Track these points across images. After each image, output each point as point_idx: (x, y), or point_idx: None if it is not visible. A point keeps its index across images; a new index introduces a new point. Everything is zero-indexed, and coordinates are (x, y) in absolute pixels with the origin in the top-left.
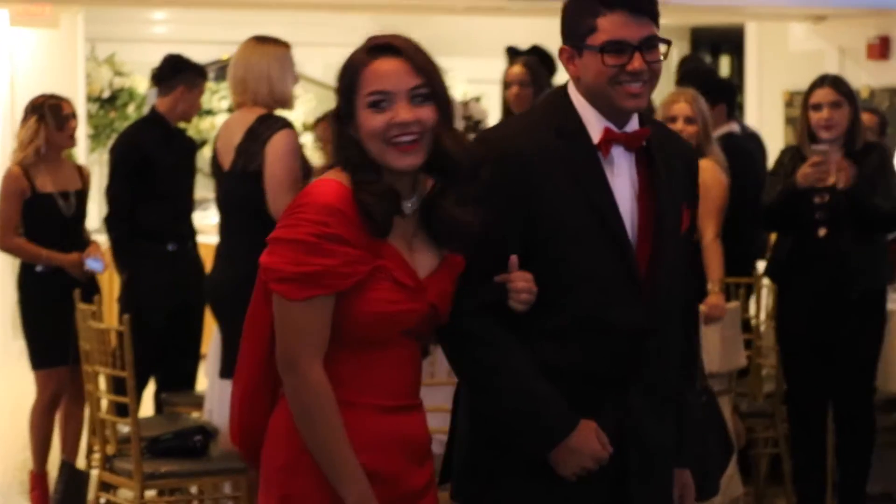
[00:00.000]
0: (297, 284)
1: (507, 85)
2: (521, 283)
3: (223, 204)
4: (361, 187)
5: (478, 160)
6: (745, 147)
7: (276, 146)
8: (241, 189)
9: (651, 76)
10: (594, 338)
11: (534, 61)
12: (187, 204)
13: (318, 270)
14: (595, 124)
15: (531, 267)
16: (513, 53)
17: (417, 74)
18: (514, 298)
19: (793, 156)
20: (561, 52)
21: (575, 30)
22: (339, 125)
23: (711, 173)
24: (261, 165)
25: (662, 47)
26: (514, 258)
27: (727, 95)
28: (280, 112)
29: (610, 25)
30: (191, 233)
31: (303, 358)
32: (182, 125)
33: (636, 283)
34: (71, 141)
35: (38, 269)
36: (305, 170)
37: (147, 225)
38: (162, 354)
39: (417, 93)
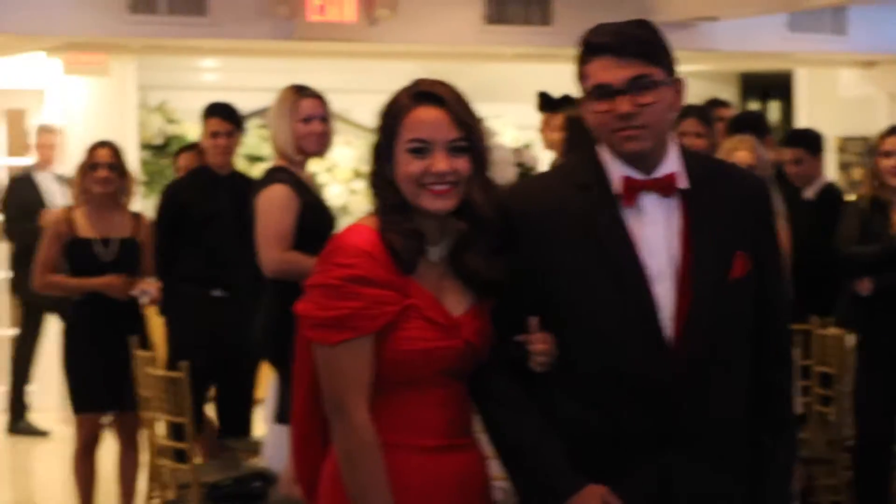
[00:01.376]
0: (327, 330)
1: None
2: (539, 346)
3: None
4: (388, 227)
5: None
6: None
7: (261, 201)
8: None
9: (647, 118)
10: (618, 395)
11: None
12: (238, 251)
13: (345, 314)
14: (616, 173)
15: (551, 325)
16: (545, 100)
17: (457, 127)
18: (532, 360)
19: (872, 204)
20: (580, 102)
21: (578, 81)
22: (376, 164)
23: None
24: None
25: (660, 87)
26: (533, 320)
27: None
28: (313, 161)
29: (595, 70)
30: (248, 280)
31: (348, 401)
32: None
33: (660, 337)
34: (98, 187)
35: (78, 312)
36: (316, 221)
37: (189, 272)
38: (208, 400)
39: (456, 145)
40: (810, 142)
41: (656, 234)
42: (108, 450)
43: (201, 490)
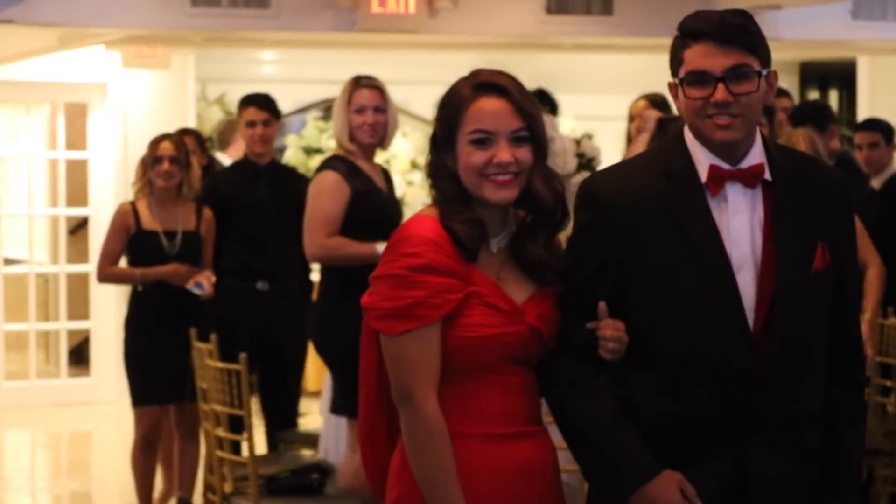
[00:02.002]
0: (392, 320)
1: (631, 118)
2: (609, 332)
3: None
4: (450, 217)
5: (565, 202)
6: None
7: (311, 187)
8: None
9: (743, 108)
10: (698, 383)
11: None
12: (280, 242)
13: (409, 303)
14: (703, 162)
15: (629, 313)
16: (541, 97)
17: (520, 117)
18: (602, 347)
19: None
20: (669, 87)
21: (672, 65)
22: (435, 154)
23: None
24: None
25: (756, 77)
26: (602, 305)
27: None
28: (381, 152)
29: (693, 56)
30: (290, 271)
31: (416, 391)
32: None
33: (744, 326)
34: (161, 181)
35: (139, 289)
36: (373, 210)
37: (232, 264)
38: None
39: (518, 135)
40: (885, 129)
41: (740, 224)
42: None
43: (259, 482)
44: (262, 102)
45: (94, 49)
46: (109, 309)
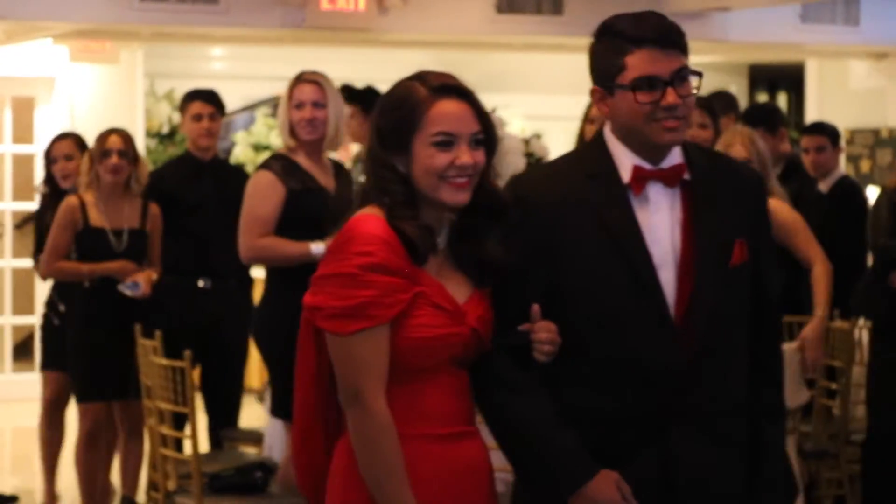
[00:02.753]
0: (343, 319)
1: (591, 121)
2: (544, 335)
3: None
4: (401, 220)
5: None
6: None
7: (246, 188)
8: None
9: (687, 109)
10: (626, 380)
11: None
12: (224, 239)
13: (361, 303)
14: (626, 163)
15: (557, 312)
16: (348, 92)
17: (478, 120)
18: (538, 350)
19: None
20: (592, 92)
21: (605, 70)
22: (381, 155)
23: (783, 209)
24: None
25: (694, 80)
26: (535, 308)
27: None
28: (332, 154)
29: (639, 62)
30: (232, 269)
31: (366, 391)
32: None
33: (668, 322)
34: (109, 176)
35: (86, 285)
36: (309, 209)
37: (174, 261)
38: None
39: (476, 138)
40: (832, 132)
41: (660, 222)
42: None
43: (202, 480)
44: (207, 97)
45: (41, 43)
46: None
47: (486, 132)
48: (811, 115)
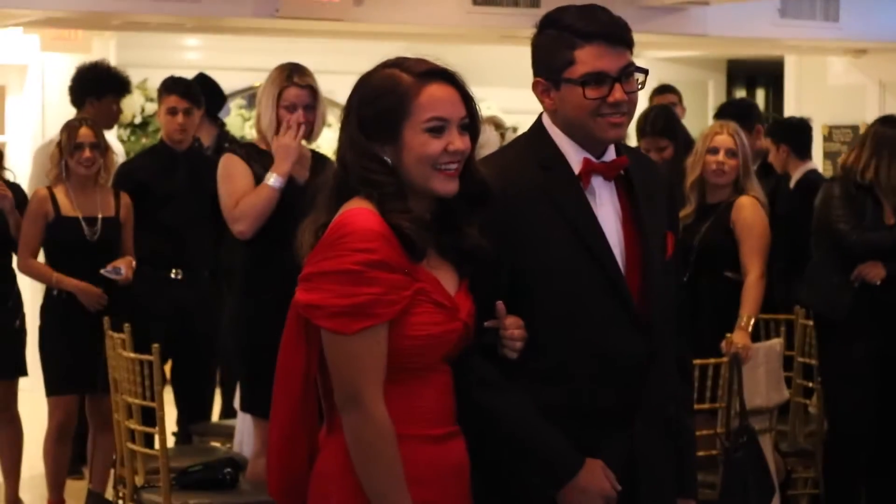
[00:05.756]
0: (345, 318)
1: None
2: (516, 332)
3: None
4: (395, 214)
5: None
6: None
7: (217, 175)
8: None
9: (631, 105)
10: (596, 373)
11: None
12: (197, 231)
13: (365, 301)
14: (574, 155)
15: (522, 307)
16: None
17: (465, 104)
18: (508, 346)
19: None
20: (535, 85)
21: (550, 63)
22: (366, 146)
23: (752, 210)
24: None
25: (639, 76)
26: (500, 305)
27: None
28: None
29: (588, 57)
30: (204, 261)
31: (366, 392)
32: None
33: (631, 312)
34: (82, 168)
35: (54, 293)
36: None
37: (146, 252)
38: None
39: (464, 122)
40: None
41: (607, 215)
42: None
43: (171, 475)
44: (184, 91)
45: (11, 31)
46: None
47: (472, 117)
48: (789, 111)
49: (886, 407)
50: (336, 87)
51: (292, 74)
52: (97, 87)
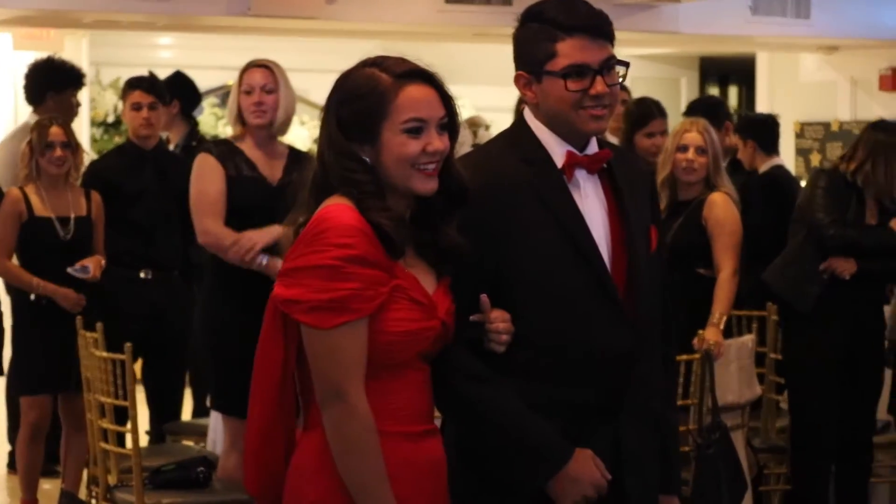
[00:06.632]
0: (324, 312)
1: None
2: (501, 325)
3: None
4: (374, 212)
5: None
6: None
7: (191, 174)
8: None
9: (613, 98)
10: (582, 367)
11: None
12: (166, 230)
13: (344, 295)
14: (557, 149)
15: (506, 301)
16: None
17: (443, 104)
18: (494, 340)
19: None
20: (517, 78)
21: (532, 56)
22: (345, 145)
23: (724, 207)
24: None
25: (620, 69)
26: (485, 298)
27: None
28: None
29: (570, 50)
30: (174, 260)
31: (349, 387)
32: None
33: (617, 306)
34: (53, 168)
35: (31, 297)
36: (236, 199)
37: (115, 251)
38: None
39: (442, 122)
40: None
41: (592, 208)
42: None
43: (143, 475)
44: (148, 86)
45: None
46: None
47: (451, 116)
48: (761, 108)
49: (850, 395)
50: (309, 85)
51: (252, 61)
52: (57, 81)
